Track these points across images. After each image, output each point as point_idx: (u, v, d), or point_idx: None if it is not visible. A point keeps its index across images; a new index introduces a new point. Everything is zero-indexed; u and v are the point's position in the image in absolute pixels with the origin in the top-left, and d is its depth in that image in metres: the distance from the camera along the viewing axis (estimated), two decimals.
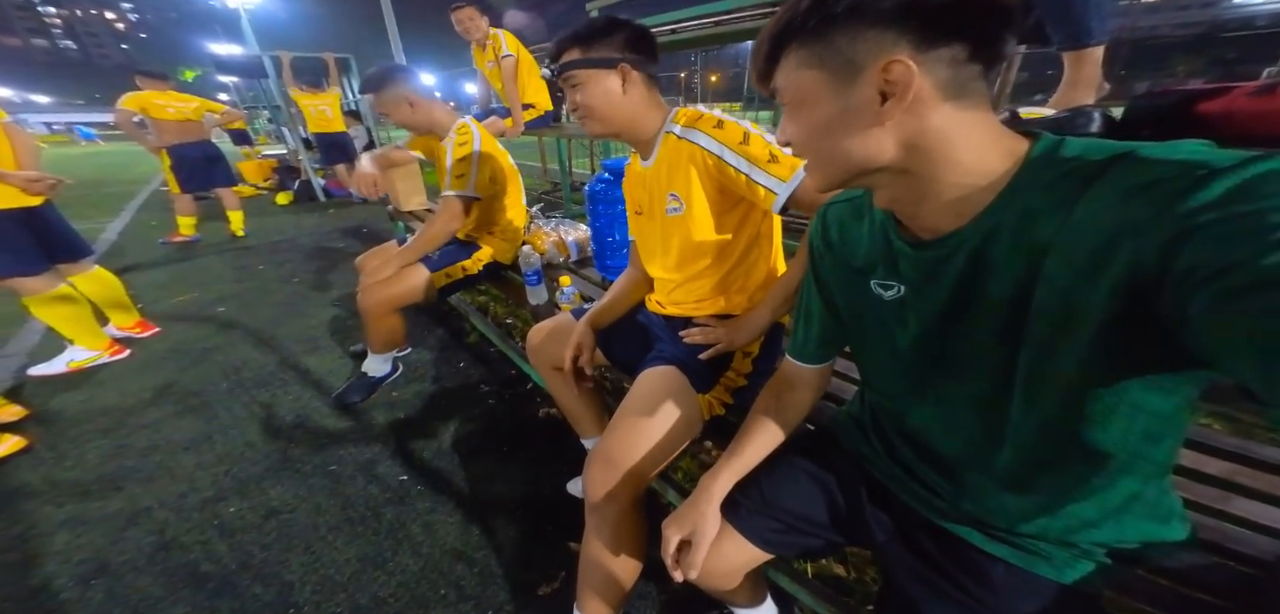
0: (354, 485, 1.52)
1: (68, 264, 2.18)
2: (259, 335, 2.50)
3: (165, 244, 4.16)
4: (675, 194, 1.00)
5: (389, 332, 1.86)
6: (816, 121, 0.49)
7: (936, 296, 0.53)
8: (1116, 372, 0.42)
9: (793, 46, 0.49)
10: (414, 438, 1.73)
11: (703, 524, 0.70)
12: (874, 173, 0.49)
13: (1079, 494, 0.51)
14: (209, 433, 1.77)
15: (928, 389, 0.60)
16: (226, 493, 1.50)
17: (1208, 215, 0.33)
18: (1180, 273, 0.34)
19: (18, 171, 1.95)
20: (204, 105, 4.01)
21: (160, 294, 3.06)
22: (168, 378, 2.14)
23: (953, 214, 0.49)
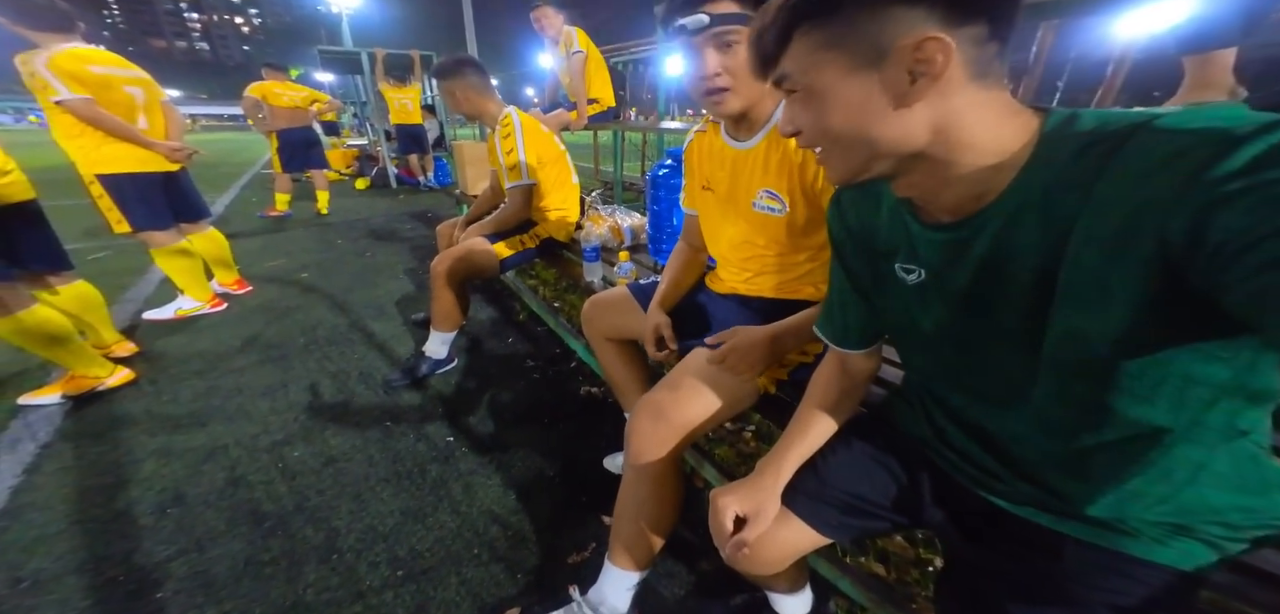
0: (404, 442, 1.49)
1: (189, 224, 2.37)
2: (334, 300, 2.58)
3: (262, 217, 4.46)
4: (774, 193, 0.86)
5: (453, 305, 1.78)
6: (837, 109, 0.43)
7: (959, 281, 0.49)
8: (1157, 343, 0.38)
9: (805, 26, 0.43)
10: (462, 403, 1.70)
11: (767, 504, 0.64)
12: (898, 160, 0.44)
13: (1143, 471, 0.45)
14: (284, 382, 1.81)
15: (960, 373, 0.55)
16: (293, 437, 1.51)
17: (1234, 184, 0.30)
18: (1213, 245, 0.31)
19: (165, 141, 2.17)
20: (311, 95, 4.33)
21: (255, 259, 3.24)
22: (255, 330, 2.23)
23: (973, 196, 0.45)
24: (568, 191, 1.95)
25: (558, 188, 1.91)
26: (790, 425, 0.70)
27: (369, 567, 1.09)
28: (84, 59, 1.92)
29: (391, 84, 5.34)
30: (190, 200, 2.35)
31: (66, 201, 4.20)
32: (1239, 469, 0.45)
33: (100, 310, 1.87)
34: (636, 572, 0.89)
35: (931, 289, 0.53)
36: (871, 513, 0.66)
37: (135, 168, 2.08)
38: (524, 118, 1.79)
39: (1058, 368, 0.44)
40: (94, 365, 1.69)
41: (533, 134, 1.79)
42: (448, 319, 1.80)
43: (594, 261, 1.72)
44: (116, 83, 2.02)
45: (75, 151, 1.98)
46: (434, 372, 1.84)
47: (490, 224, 1.84)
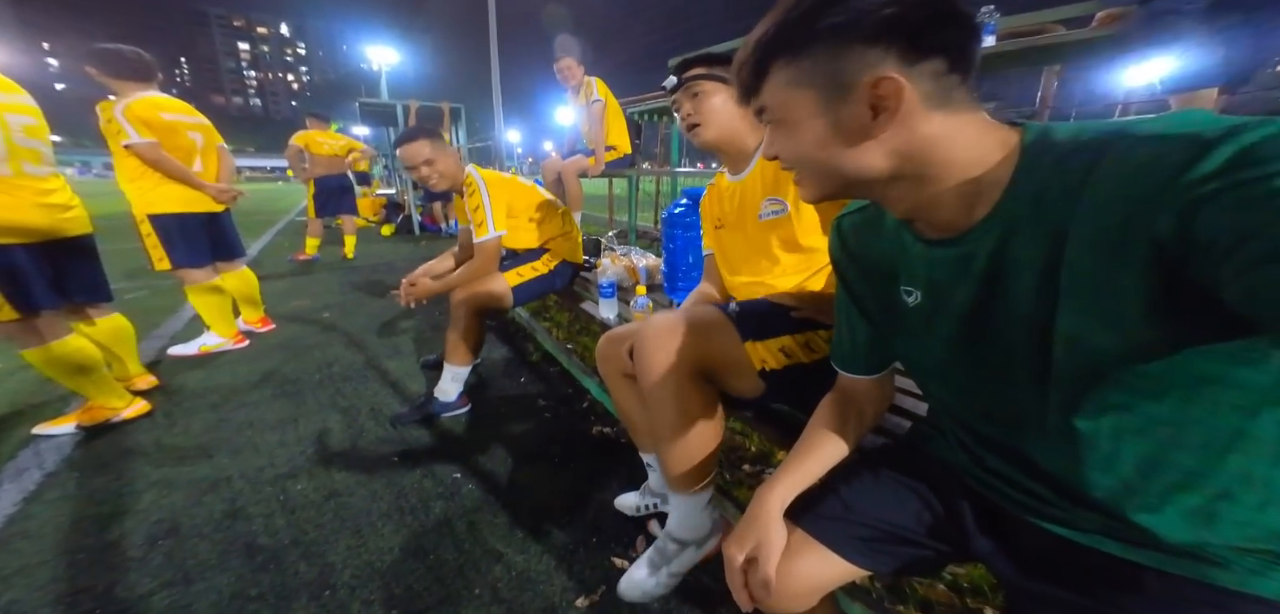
0: (410, 478, 1.42)
1: (225, 262, 2.46)
2: (352, 338, 2.59)
3: (291, 261, 4.61)
4: (775, 198, 0.98)
5: (468, 335, 1.73)
6: (807, 138, 0.47)
7: (961, 300, 0.48)
8: (1169, 342, 0.37)
9: (779, 62, 0.46)
10: (471, 441, 1.64)
11: (767, 536, 0.58)
12: (868, 184, 0.47)
13: (1198, 489, 0.41)
14: (296, 416, 1.78)
15: (977, 397, 0.53)
16: (298, 471, 1.45)
17: (1212, 185, 0.31)
18: (1201, 244, 0.32)
19: (214, 183, 2.32)
20: (349, 145, 4.63)
21: (281, 299, 3.31)
22: (273, 366, 2.22)
23: (965, 209, 0.45)
24: (559, 216, 1.97)
25: (548, 218, 1.93)
26: (792, 450, 0.66)
27: (362, 604, 1.00)
28: (157, 106, 2.10)
29: None
30: (228, 239, 2.46)
31: (114, 246, 4.42)
32: None
33: (129, 343, 1.90)
34: (700, 492, 0.92)
35: (933, 311, 0.52)
36: (907, 540, 0.60)
37: (183, 208, 2.20)
38: (485, 174, 1.80)
39: (1068, 378, 0.43)
40: (113, 396, 1.69)
41: (498, 187, 1.79)
42: (463, 349, 1.74)
43: (610, 298, 1.71)
44: (181, 129, 2.20)
45: (134, 193, 2.12)
46: (444, 413, 1.77)
47: (453, 281, 1.78)
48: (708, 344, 0.86)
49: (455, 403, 1.78)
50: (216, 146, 2.38)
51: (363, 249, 5.11)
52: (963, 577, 1.00)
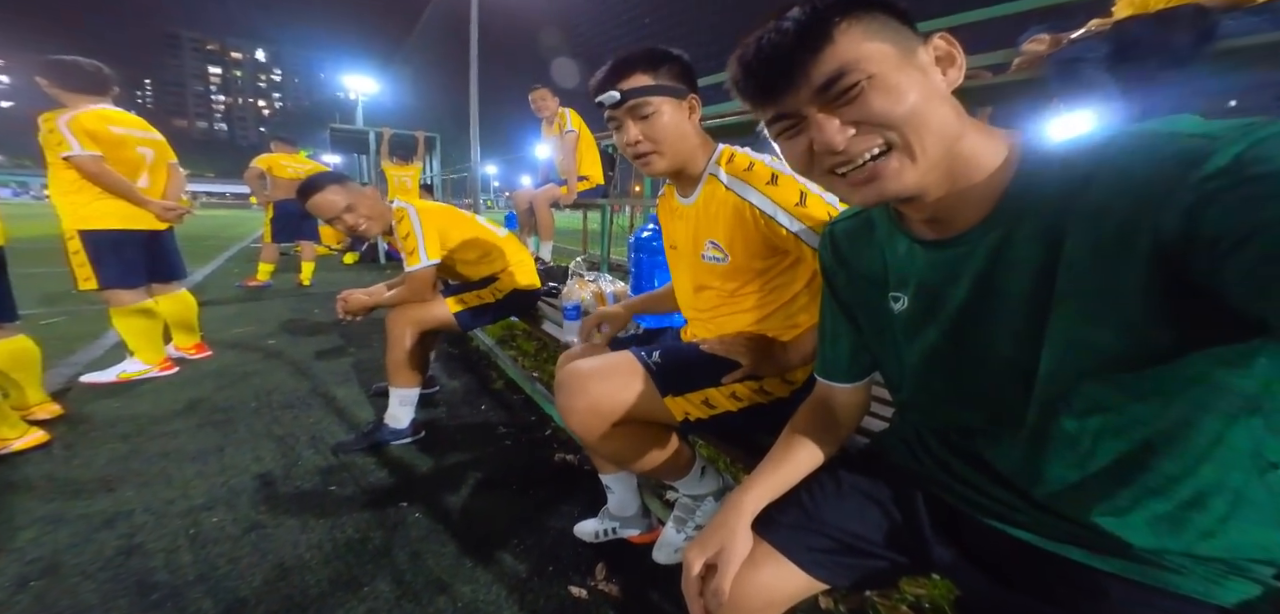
0: (348, 507, 1.31)
1: (161, 284, 2.31)
2: (297, 366, 2.44)
3: (240, 287, 4.38)
4: (716, 242, 0.89)
5: (407, 357, 1.64)
6: (912, 88, 0.42)
7: (954, 299, 0.48)
8: (1174, 345, 0.38)
9: (846, 20, 0.42)
10: (421, 469, 1.54)
11: (732, 542, 0.56)
12: (956, 148, 0.44)
13: (1170, 496, 0.42)
14: (222, 446, 1.64)
15: (954, 402, 0.53)
16: (215, 503, 1.32)
17: (1220, 182, 0.32)
18: (1206, 240, 0.32)
19: (159, 200, 2.20)
20: (315, 168, 4.54)
21: (223, 325, 3.12)
22: (202, 394, 2.06)
23: (971, 206, 0.46)
24: (509, 246, 1.89)
25: (494, 250, 1.84)
26: (767, 456, 0.65)
27: None
28: (106, 119, 2.02)
29: (394, 163, 5.60)
30: (168, 260, 2.32)
31: (36, 270, 4.12)
32: (1275, 502, 0.42)
33: (32, 369, 1.73)
34: (688, 476, 0.99)
35: (920, 313, 0.52)
36: (867, 552, 0.58)
37: (120, 224, 2.08)
38: (418, 203, 1.72)
39: (1055, 383, 0.43)
40: (4, 426, 1.51)
41: (430, 215, 1.71)
42: (404, 370, 1.64)
43: (574, 321, 1.68)
44: (131, 142, 2.11)
45: (67, 207, 2.00)
46: (393, 440, 1.66)
47: (385, 300, 1.71)
48: (624, 394, 0.85)
49: (405, 430, 1.68)
50: (168, 164, 2.29)
51: (322, 277, 4.93)
52: (924, 597, 0.98)
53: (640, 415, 0.87)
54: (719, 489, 1.05)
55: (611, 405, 0.85)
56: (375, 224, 1.71)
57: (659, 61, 0.82)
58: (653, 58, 0.82)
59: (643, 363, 0.88)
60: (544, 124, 3.25)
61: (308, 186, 1.63)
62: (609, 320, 1.15)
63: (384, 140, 5.66)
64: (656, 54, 0.83)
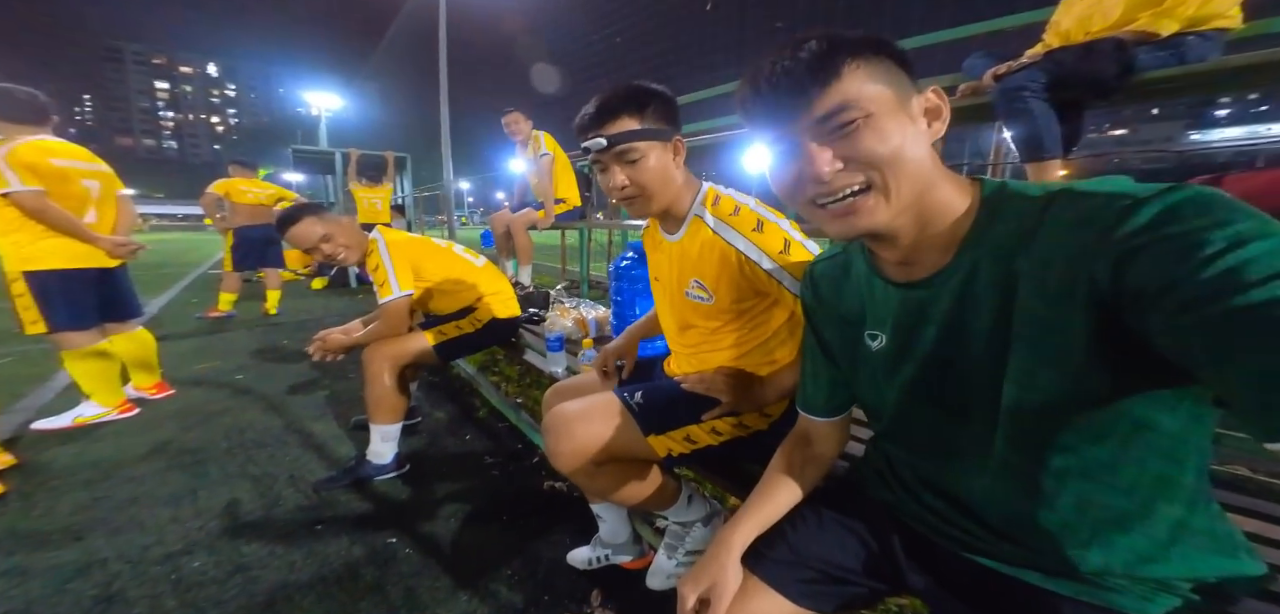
0: (335, 545, 1.33)
1: (116, 324, 2.24)
2: (269, 402, 2.41)
3: (200, 318, 4.23)
4: (701, 282, 0.92)
5: (387, 394, 1.63)
6: (899, 135, 0.46)
7: (925, 337, 0.53)
8: (1117, 390, 0.42)
9: (854, 62, 0.46)
10: (408, 503, 1.56)
11: (723, 578, 0.61)
12: (931, 195, 0.49)
13: (1128, 530, 0.47)
14: (195, 489, 1.62)
15: (929, 438, 0.58)
16: (195, 547, 1.31)
17: (1142, 239, 0.36)
18: (1132, 293, 0.37)
19: (109, 236, 2.12)
20: (278, 193, 4.43)
21: (184, 361, 3.03)
22: (168, 436, 2.01)
23: (939, 249, 0.50)
24: (486, 275, 1.91)
25: (471, 279, 1.85)
26: (753, 492, 0.70)
27: None
28: (46, 151, 1.95)
29: (363, 184, 5.53)
30: (122, 297, 2.25)
31: None
32: (1213, 529, 0.49)
33: None
34: (675, 504, 1.05)
35: (897, 353, 0.57)
36: (847, 580, 0.64)
37: (68, 264, 2.01)
38: (389, 234, 1.75)
39: (1017, 418, 0.47)
40: None
41: (401, 247, 1.73)
42: (384, 407, 1.64)
43: (557, 352, 1.73)
44: (74, 176, 2.05)
45: (8, 247, 1.93)
46: (376, 476, 1.67)
47: (360, 338, 1.72)
48: (608, 435, 0.91)
49: (390, 465, 1.69)
50: (115, 195, 2.21)
51: (290, 305, 4.82)
52: (907, 607, 1.05)
53: (624, 454, 0.93)
54: (707, 514, 1.11)
55: (596, 446, 0.90)
56: (353, 253, 1.74)
57: (645, 103, 0.83)
58: (639, 99, 0.83)
59: (625, 404, 0.93)
60: (518, 147, 3.30)
61: (285, 219, 1.67)
62: (624, 355, 1.21)
63: (351, 161, 5.57)
64: (643, 95, 0.83)
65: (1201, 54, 1.24)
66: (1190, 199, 0.36)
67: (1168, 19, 1.23)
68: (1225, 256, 0.33)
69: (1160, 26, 1.23)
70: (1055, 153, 1.33)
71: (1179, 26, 1.23)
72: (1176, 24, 1.23)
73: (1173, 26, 1.23)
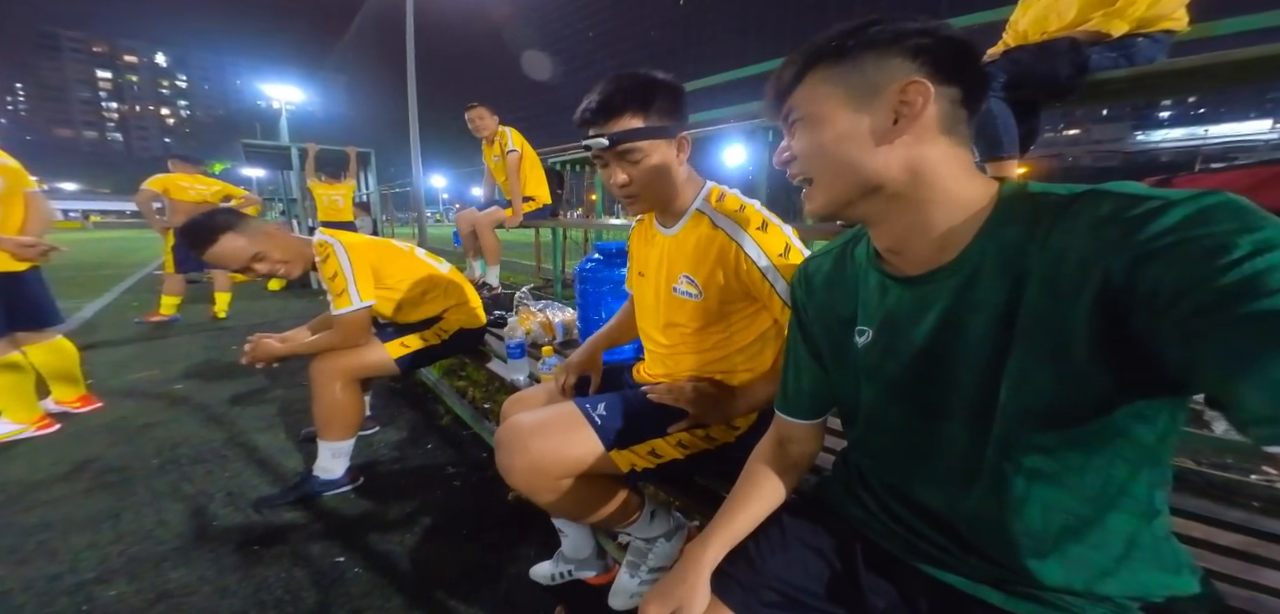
0: (276, 567, 1.25)
1: (29, 332, 2.06)
2: (210, 413, 2.27)
3: (140, 323, 3.98)
4: (692, 278, 0.90)
5: (338, 409, 1.53)
6: (830, 133, 0.50)
7: (917, 337, 0.52)
8: (1107, 396, 0.42)
9: (820, 67, 0.51)
10: (361, 519, 1.49)
11: (692, 598, 0.59)
12: (873, 194, 0.50)
13: (1084, 539, 0.48)
14: (118, 511, 1.50)
15: (906, 443, 0.57)
16: (113, 574, 1.21)
17: (1167, 239, 0.36)
18: (1146, 293, 0.36)
19: (13, 237, 1.95)
20: (225, 189, 4.16)
21: (118, 370, 2.83)
22: (92, 453, 1.87)
23: (940, 247, 0.50)
24: (452, 285, 1.82)
25: (437, 288, 1.77)
26: (723, 505, 0.68)
27: None
28: None
29: (323, 181, 5.30)
30: (36, 304, 2.06)
31: None
32: (1158, 547, 0.49)
33: None
34: (638, 520, 1.02)
35: (883, 349, 0.56)
36: (809, 605, 0.63)
37: None
38: (347, 237, 1.61)
39: (1003, 419, 0.47)
40: None
41: (362, 250, 1.59)
42: (336, 423, 1.54)
43: (519, 359, 1.68)
44: None
45: None
46: (326, 491, 1.59)
47: (306, 348, 1.58)
48: (568, 449, 0.86)
49: (340, 479, 1.61)
50: (23, 192, 2.02)
51: (242, 307, 4.58)
52: None
53: (585, 470, 0.88)
54: (671, 529, 1.08)
55: (554, 462, 0.85)
56: (294, 265, 1.57)
57: (649, 99, 0.80)
58: (645, 95, 0.80)
59: (587, 415, 0.89)
60: (484, 144, 3.21)
61: (197, 235, 1.42)
62: (587, 370, 1.13)
63: (309, 156, 5.30)
64: (648, 89, 0.80)
65: (1150, 56, 1.29)
66: (1223, 204, 0.36)
67: (1119, 20, 1.28)
68: (1250, 261, 0.33)
69: (1111, 27, 1.28)
70: (1013, 151, 1.37)
71: (1129, 27, 1.28)
72: (1126, 25, 1.28)
73: (1123, 27, 1.28)
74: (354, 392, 1.57)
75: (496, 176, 3.21)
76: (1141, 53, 1.29)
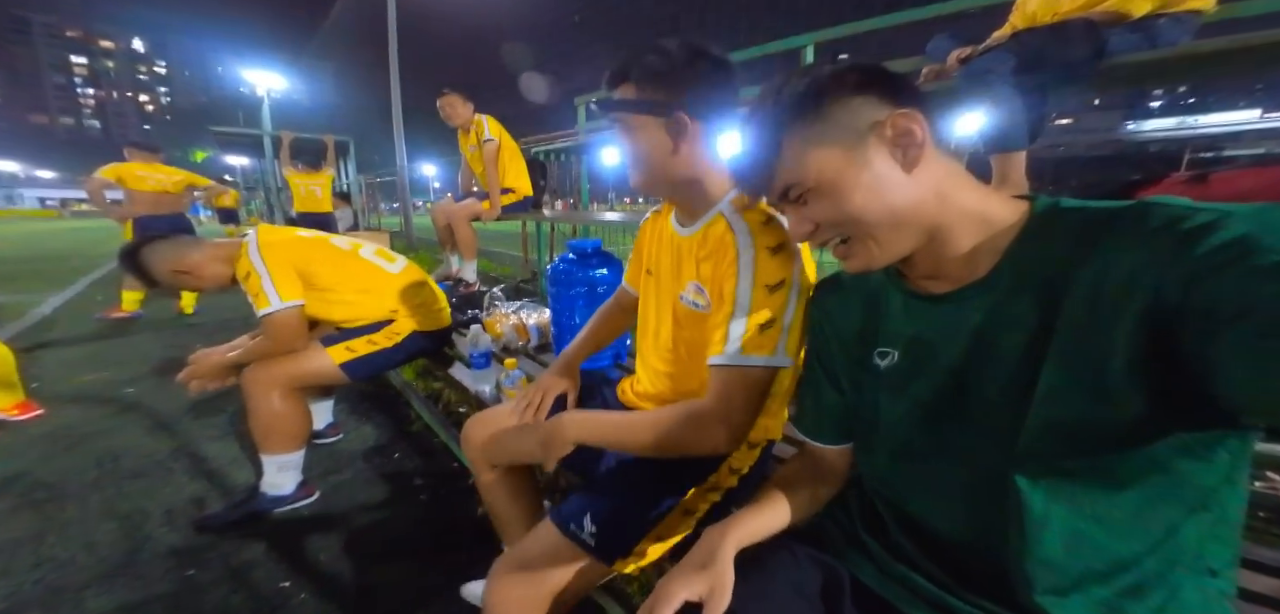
0: (212, 594, 1.15)
1: None
2: (160, 420, 2.13)
3: (99, 319, 3.79)
4: (701, 288, 0.79)
5: (277, 420, 1.41)
6: (857, 192, 0.48)
7: (950, 354, 0.50)
8: (1142, 422, 0.39)
9: (789, 132, 0.49)
10: (314, 537, 1.38)
11: (721, 583, 0.53)
12: (919, 222, 0.49)
13: (1111, 582, 0.44)
14: (42, 532, 1.38)
15: (926, 464, 0.55)
16: (26, 606, 1.10)
17: (1226, 255, 0.34)
18: (1202, 311, 0.34)
19: None
20: (187, 178, 3.89)
21: (68, 372, 2.67)
22: (23, 467, 1.73)
23: (968, 264, 0.49)
24: (408, 283, 1.67)
25: (387, 285, 1.63)
26: (752, 496, 0.65)
27: None
28: None
29: (299, 170, 5.11)
30: None
31: None
32: (1208, 607, 0.45)
33: None
34: None
35: (910, 370, 0.54)
36: None
37: None
38: (268, 234, 1.48)
39: (1035, 443, 0.44)
40: None
41: (280, 248, 1.46)
42: (276, 435, 1.42)
43: (484, 369, 1.56)
44: None
45: None
46: (276, 508, 1.47)
47: (234, 355, 1.47)
48: (567, 594, 0.75)
49: (292, 495, 1.49)
50: None
51: (212, 301, 4.36)
52: None
53: (585, 593, 0.77)
54: None
55: (555, 604, 0.74)
56: (226, 270, 1.47)
57: (650, 67, 0.72)
58: (647, 66, 0.72)
59: (576, 540, 0.75)
60: (459, 135, 3.04)
61: (127, 256, 1.42)
62: (565, 390, 1.02)
63: (284, 145, 5.11)
64: (647, 59, 0.72)
65: (1173, 37, 1.20)
66: None
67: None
68: None
69: (1133, 7, 1.18)
70: (1022, 142, 1.28)
71: (1152, 7, 1.18)
72: (1150, 4, 1.18)
73: (1146, 6, 1.18)
74: (295, 401, 1.44)
75: (474, 167, 3.06)
76: (1164, 34, 1.19)
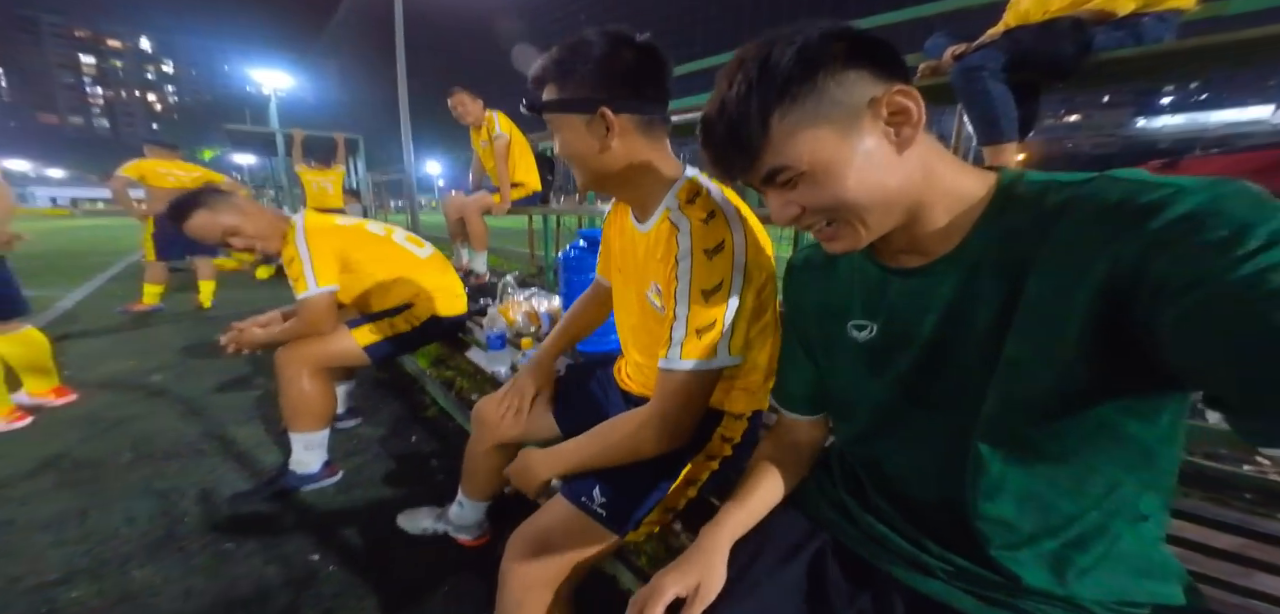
0: (246, 566, 1.22)
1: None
2: (189, 405, 2.23)
3: (122, 312, 3.90)
4: (660, 289, 0.78)
5: (304, 400, 1.49)
6: (850, 174, 0.46)
7: (925, 326, 0.52)
8: (1093, 387, 0.42)
9: (777, 112, 0.46)
10: (338, 515, 1.46)
11: (710, 577, 0.57)
12: (908, 200, 0.48)
13: (1059, 534, 0.48)
14: (85, 508, 1.47)
15: (904, 430, 0.57)
16: (75, 575, 1.18)
17: (1178, 229, 0.35)
18: (1154, 283, 0.36)
19: None
20: (205, 175, 4.03)
21: (94, 361, 2.78)
22: (63, 448, 1.83)
23: (942, 237, 0.50)
24: (430, 268, 1.77)
25: (412, 271, 1.71)
26: (734, 489, 0.67)
27: None
28: None
29: (311, 167, 5.21)
30: (1, 295, 2.01)
31: None
32: (1144, 551, 0.49)
33: None
34: None
35: (889, 343, 0.55)
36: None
37: None
38: (312, 220, 1.58)
39: (994, 403, 0.47)
40: None
41: (324, 235, 1.56)
42: (304, 414, 1.49)
43: (499, 350, 1.64)
44: None
45: None
46: (303, 486, 1.55)
47: (275, 333, 1.54)
48: (582, 562, 0.78)
49: (317, 473, 1.57)
50: None
51: (228, 296, 4.50)
52: None
53: (594, 564, 0.80)
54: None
55: (570, 575, 0.76)
56: (272, 241, 1.56)
57: (565, 68, 0.72)
58: (563, 66, 0.72)
59: (587, 511, 0.78)
60: (472, 131, 3.13)
61: (178, 209, 1.47)
62: (541, 388, 1.07)
63: (295, 143, 5.21)
64: (569, 61, 0.72)
65: (1157, 35, 1.25)
66: (1239, 193, 0.35)
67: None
68: (1265, 253, 0.32)
69: (1118, 5, 1.24)
70: (1012, 135, 1.33)
71: (1136, 6, 1.23)
72: (1134, 3, 1.23)
73: (1130, 5, 1.23)
74: (322, 381, 1.53)
75: (485, 163, 3.15)
76: (1149, 32, 1.25)
